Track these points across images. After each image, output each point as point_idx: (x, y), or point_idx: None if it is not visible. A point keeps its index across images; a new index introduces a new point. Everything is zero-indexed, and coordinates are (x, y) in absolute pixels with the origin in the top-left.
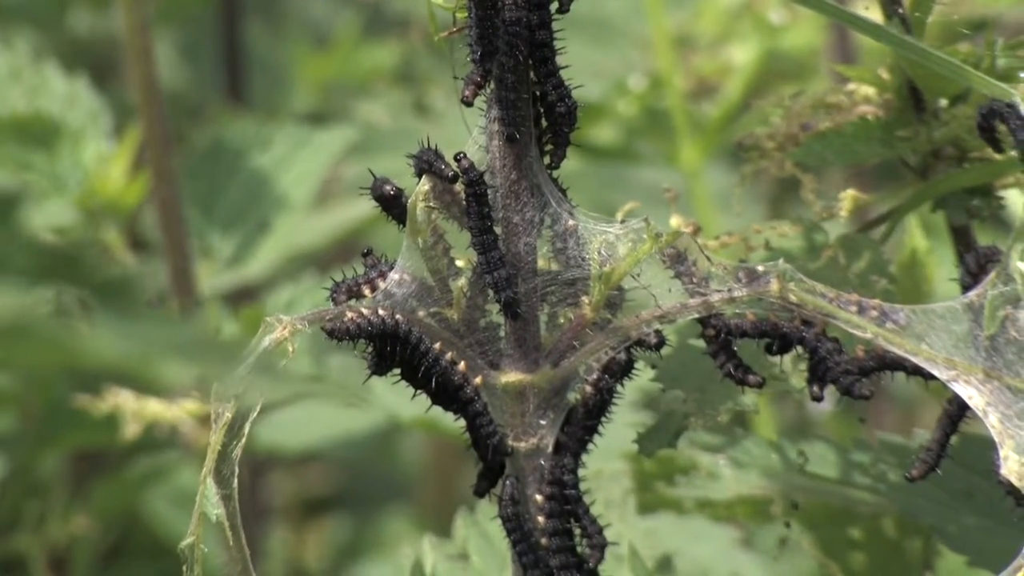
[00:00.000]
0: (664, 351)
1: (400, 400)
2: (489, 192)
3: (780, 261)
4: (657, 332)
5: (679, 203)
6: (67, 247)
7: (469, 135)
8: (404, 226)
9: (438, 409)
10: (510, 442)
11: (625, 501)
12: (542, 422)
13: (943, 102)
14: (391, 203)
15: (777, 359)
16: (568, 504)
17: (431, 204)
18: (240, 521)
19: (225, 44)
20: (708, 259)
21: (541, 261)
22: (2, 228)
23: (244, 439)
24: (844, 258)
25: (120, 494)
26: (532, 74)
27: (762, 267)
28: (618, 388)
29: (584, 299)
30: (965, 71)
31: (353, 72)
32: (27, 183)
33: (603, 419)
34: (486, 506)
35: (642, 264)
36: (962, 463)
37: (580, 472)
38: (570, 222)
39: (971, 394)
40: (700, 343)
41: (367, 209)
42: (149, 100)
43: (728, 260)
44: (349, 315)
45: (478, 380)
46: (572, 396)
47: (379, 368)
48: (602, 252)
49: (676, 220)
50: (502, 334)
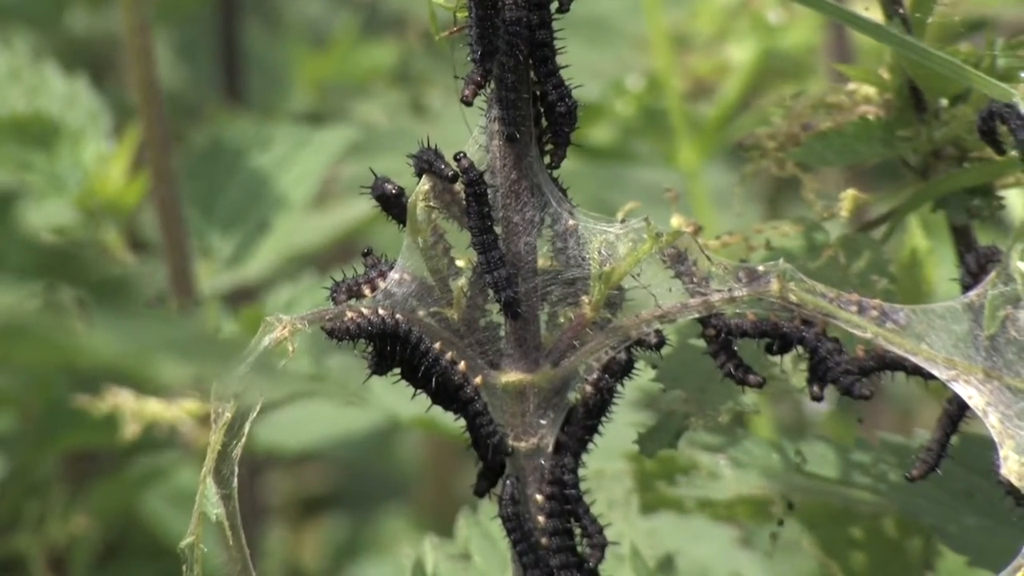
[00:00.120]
0: (664, 351)
1: (399, 400)
2: (489, 192)
3: (780, 261)
4: (657, 332)
5: (677, 203)
6: (65, 245)
7: (468, 135)
8: (404, 226)
9: (437, 409)
10: (510, 442)
11: (628, 501)
12: (542, 422)
13: (944, 102)
14: (392, 202)
15: (777, 359)
16: (568, 504)
17: (431, 204)
18: (240, 521)
19: (222, 44)
20: (708, 259)
21: (541, 260)
22: (0, 227)
23: (244, 439)
24: (844, 258)
25: (119, 494)
26: (532, 74)
27: (762, 267)
28: (618, 388)
29: (584, 299)
30: (966, 71)
31: (351, 72)
32: (25, 181)
33: (603, 419)
34: (488, 506)
35: (642, 264)
36: (962, 463)
37: (580, 472)
38: (570, 222)
39: (971, 394)
40: (700, 343)
41: (365, 209)
42: (149, 100)
43: (728, 260)
44: (349, 315)
45: (478, 380)
46: (572, 396)
47: (379, 368)
48: (602, 252)
49: (677, 220)
50: (502, 334)
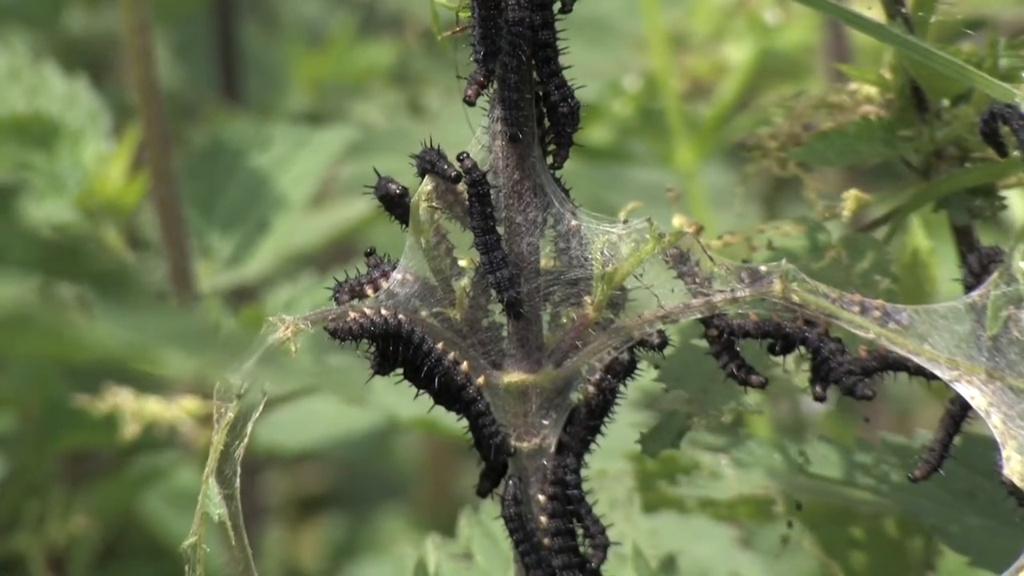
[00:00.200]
0: (667, 351)
1: (399, 399)
2: (492, 192)
3: (783, 261)
4: (660, 332)
5: (679, 203)
6: (67, 239)
7: (467, 135)
8: (407, 226)
9: (438, 409)
10: (513, 442)
11: (630, 501)
12: (545, 422)
13: (945, 102)
14: (395, 202)
15: (780, 359)
16: (571, 504)
17: (434, 204)
18: (242, 521)
19: (219, 43)
20: (711, 259)
21: (544, 261)
22: (3, 220)
23: (246, 439)
24: (847, 258)
25: (119, 494)
26: (535, 74)
27: (765, 267)
28: (621, 388)
29: (587, 299)
30: (968, 71)
31: (348, 71)
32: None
33: (606, 419)
34: (490, 506)
35: (645, 264)
36: (965, 463)
37: (582, 472)
38: (573, 222)
39: (974, 395)
40: (703, 343)
41: (364, 209)
42: (148, 100)
43: (730, 260)
44: (352, 315)
45: (481, 380)
46: (575, 396)
47: (382, 368)
48: (605, 252)
49: (679, 220)
50: (505, 334)
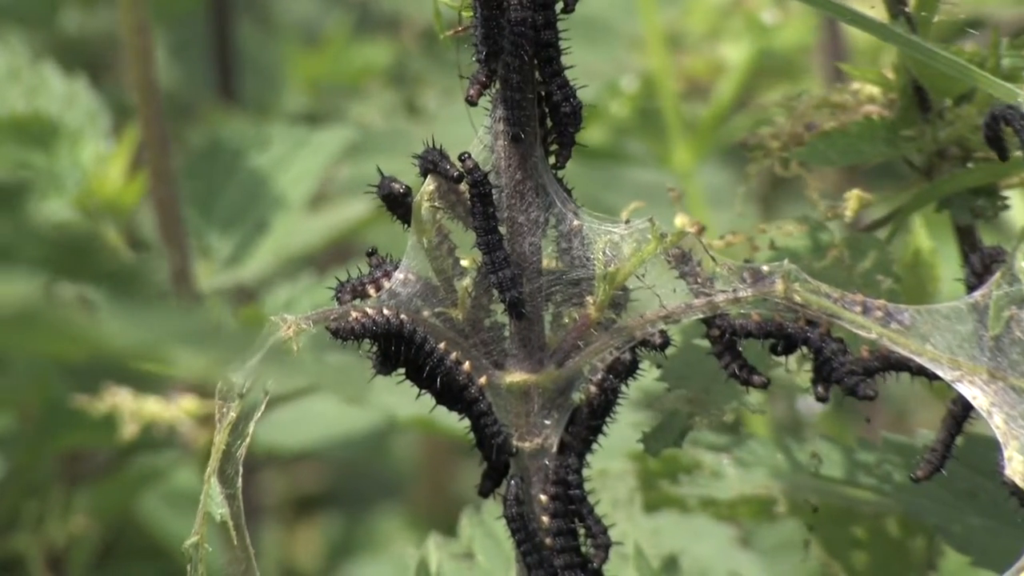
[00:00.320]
0: (669, 351)
1: (398, 399)
2: (494, 192)
3: (785, 261)
4: (662, 332)
5: (672, 203)
6: (76, 237)
7: (465, 135)
8: (408, 225)
9: (438, 409)
10: (515, 442)
11: (631, 500)
12: (546, 422)
13: (948, 102)
14: (398, 202)
15: (782, 359)
16: (572, 504)
17: (436, 204)
18: (244, 520)
19: (215, 43)
20: (713, 259)
21: (546, 261)
22: (10, 218)
23: (248, 438)
24: (849, 258)
25: (117, 494)
26: (537, 74)
27: (767, 267)
28: (623, 388)
29: (589, 299)
30: (971, 71)
31: (344, 71)
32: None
33: (608, 419)
34: (491, 505)
35: (647, 264)
36: (966, 463)
37: (584, 472)
38: (575, 222)
39: (976, 395)
40: (705, 343)
41: (362, 210)
42: (147, 100)
43: (732, 260)
44: (354, 315)
45: (483, 380)
46: (577, 396)
47: (384, 368)
48: (607, 252)
49: (681, 220)
50: (507, 334)
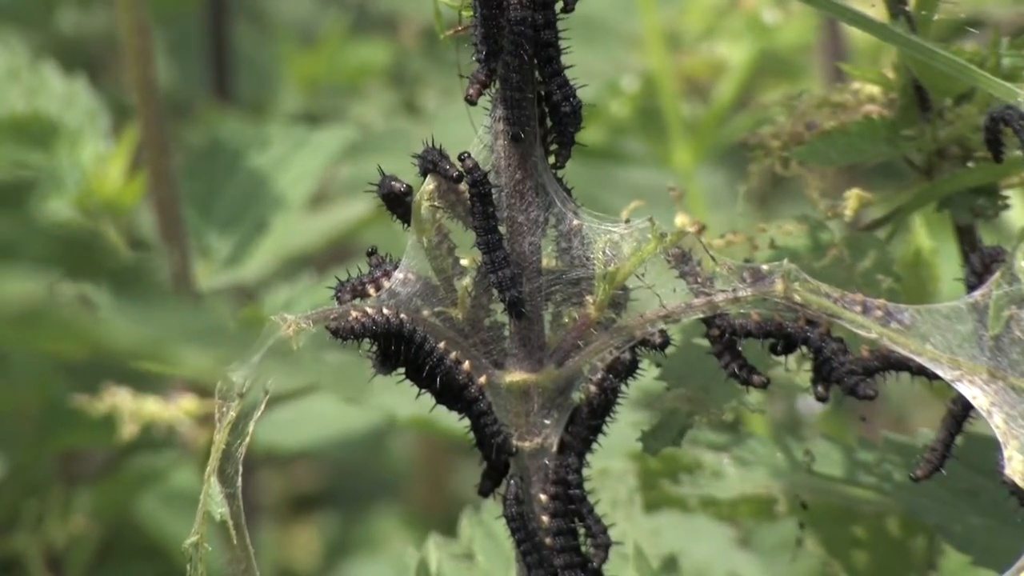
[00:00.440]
0: (669, 350)
1: (397, 399)
2: (494, 191)
3: (785, 261)
4: (661, 332)
5: (672, 203)
6: (78, 235)
7: (466, 135)
8: (408, 225)
9: (437, 409)
10: (514, 442)
11: (631, 500)
12: (546, 422)
13: (948, 101)
14: (398, 201)
15: (782, 359)
16: (572, 504)
17: (436, 203)
18: (244, 520)
19: (211, 42)
20: (713, 259)
21: (545, 260)
22: (17, 216)
23: (248, 437)
24: (849, 257)
25: (117, 494)
26: (537, 73)
27: (767, 267)
28: (622, 388)
29: (589, 299)
30: (971, 70)
31: (340, 70)
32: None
33: (607, 418)
34: (491, 505)
35: (647, 264)
36: (967, 463)
37: (584, 471)
38: (575, 222)
39: (975, 394)
40: (705, 342)
41: (362, 209)
42: (147, 100)
43: (732, 259)
44: (354, 314)
45: (482, 379)
46: (576, 396)
47: (383, 367)
48: (606, 252)
49: (681, 219)
50: (506, 333)
